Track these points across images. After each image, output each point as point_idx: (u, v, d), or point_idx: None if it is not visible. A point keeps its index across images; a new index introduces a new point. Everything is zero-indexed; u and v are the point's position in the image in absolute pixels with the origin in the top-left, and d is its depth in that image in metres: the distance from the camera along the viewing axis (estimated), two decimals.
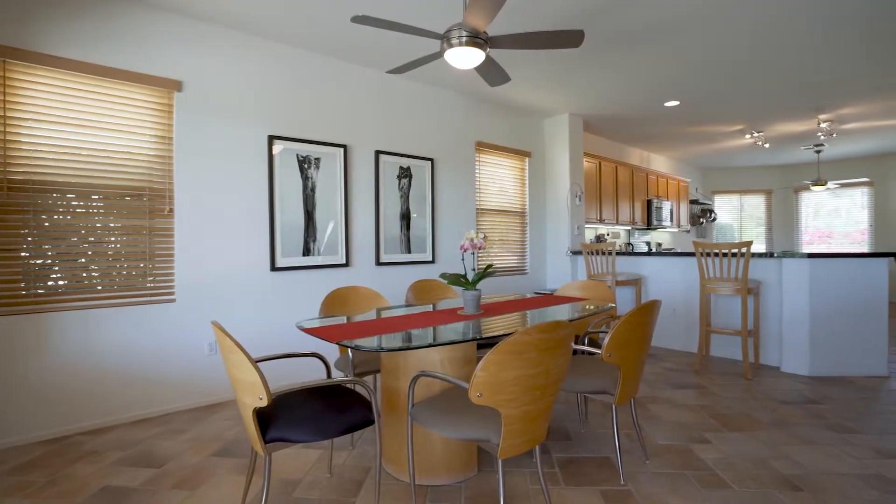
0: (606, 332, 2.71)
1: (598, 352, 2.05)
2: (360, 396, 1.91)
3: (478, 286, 3.69)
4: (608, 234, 7.12)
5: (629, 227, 7.38)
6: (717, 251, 3.97)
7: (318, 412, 1.75)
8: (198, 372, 3.26)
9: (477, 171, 5.22)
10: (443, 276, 2.42)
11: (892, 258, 3.73)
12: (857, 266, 3.85)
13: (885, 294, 3.87)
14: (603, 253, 4.92)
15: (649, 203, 7.33)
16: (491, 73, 2.99)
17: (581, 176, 5.90)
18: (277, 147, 3.64)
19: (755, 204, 9.98)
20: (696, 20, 3.36)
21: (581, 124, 5.90)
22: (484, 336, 1.90)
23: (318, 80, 3.89)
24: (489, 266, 2.45)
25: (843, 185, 8.87)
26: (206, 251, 3.30)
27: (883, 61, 4.14)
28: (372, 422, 1.79)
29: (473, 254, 2.36)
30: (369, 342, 1.77)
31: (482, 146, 5.23)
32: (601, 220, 6.39)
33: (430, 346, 1.77)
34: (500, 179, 5.50)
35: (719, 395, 3.37)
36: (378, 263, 4.24)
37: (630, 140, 7.26)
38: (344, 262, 4.01)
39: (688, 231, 9.01)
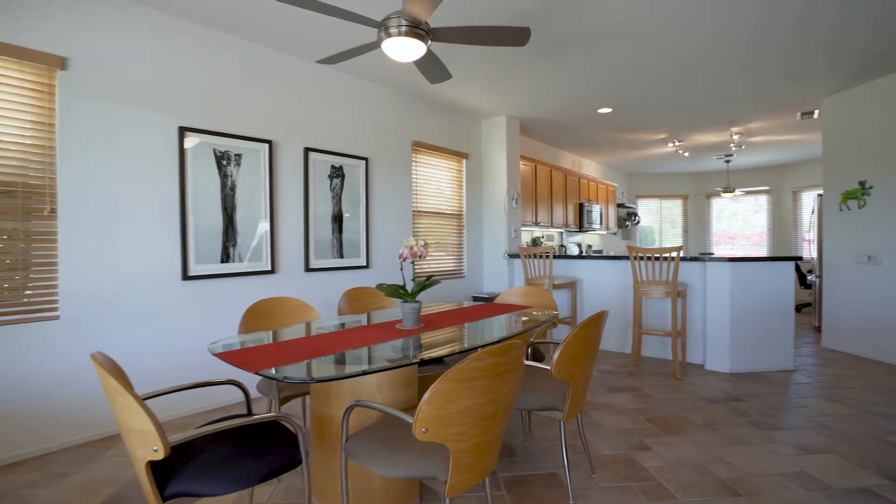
0: (550, 343, 2.64)
1: (548, 368, 1.95)
2: (284, 430, 1.66)
3: (418, 297, 3.49)
4: (543, 237, 7.22)
5: (562, 230, 7.54)
6: (649, 255, 4.08)
7: (233, 457, 1.47)
8: (88, 400, 2.78)
9: (413, 171, 5.03)
10: (380, 287, 2.21)
11: (797, 262, 4.05)
12: (769, 269, 4.13)
13: (792, 294, 4.18)
14: (540, 256, 4.93)
15: (581, 206, 7.54)
16: (431, 68, 2.81)
17: (518, 178, 5.91)
18: (191, 140, 3.22)
19: (673, 208, 10.66)
20: (630, 31, 3.40)
21: (518, 127, 5.91)
22: (427, 357, 1.72)
23: (239, 68, 3.50)
24: (430, 276, 2.28)
25: (747, 192, 9.70)
26: (101, 258, 2.83)
27: (788, 82, 4.48)
28: (299, 462, 1.54)
29: (413, 262, 2.16)
30: (296, 370, 1.53)
31: (419, 146, 5.05)
32: (537, 223, 6.45)
33: (366, 373, 1.55)
34: (437, 181, 5.35)
35: (654, 396, 3.44)
36: (308, 269, 3.92)
37: (564, 144, 7.42)
38: (269, 268, 3.65)
39: (615, 233, 9.41)
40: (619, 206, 9.40)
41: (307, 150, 3.93)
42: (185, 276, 3.18)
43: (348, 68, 4.16)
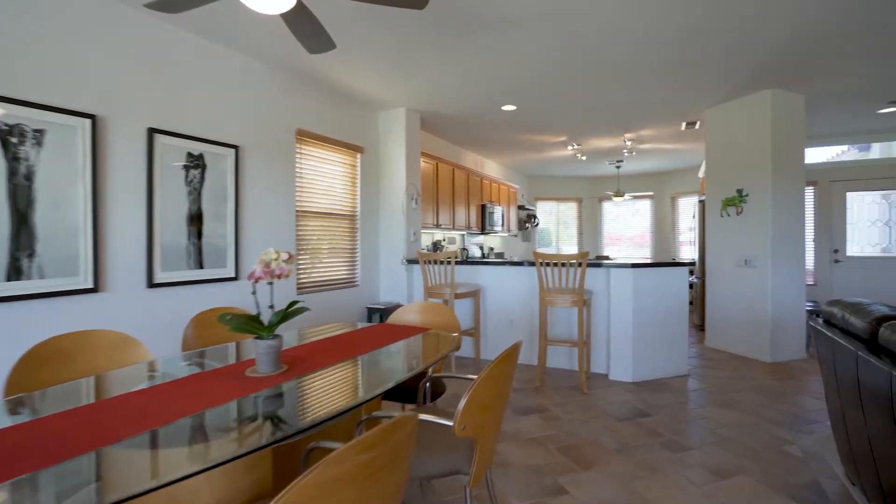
0: (453, 378, 2.19)
1: (450, 424, 1.48)
2: None
3: (278, 330, 2.63)
4: (445, 240, 6.86)
5: (465, 232, 7.25)
6: (555, 262, 3.85)
7: None
8: None
9: (298, 165, 4.32)
10: (223, 318, 1.57)
11: (690, 266, 4.08)
12: (666, 274, 4.13)
13: (686, 298, 4.23)
14: (441, 262, 4.51)
15: (483, 208, 7.32)
16: (308, 32, 2.21)
17: (418, 177, 5.45)
18: None
19: (568, 210, 11.01)
20: (533, 23, 3.10)
21: (418, 121, 5.45)
22: (276, 438, 1.15)
23: (38, 10, 2.57)
24: (293, 303, 1.69)
25: (635, 197, 10.30)
26: None
27: (677, 91, 4.57)
28: None
29: (271, 283, 1.55)
30: (44, 482, 0.87)
31: (305, 136, 4.35)
32: (438, 225, 6.05)
33: (164, 485, 0.95)
34: (327, 177, 4.69)
35: (562, 418, 3.17)
36: (152, 285, 3.07)
37: (467, 143, 7.13)
38: (91, 285, 2.76)
39: (515, 235, 9.41)
40: (520, 207, 9.42)
41: (152, 131, 3.07)
42: None
43: (210, 33, 3.36)
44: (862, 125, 6.05)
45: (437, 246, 6.27)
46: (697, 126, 5.95)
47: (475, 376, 2.05)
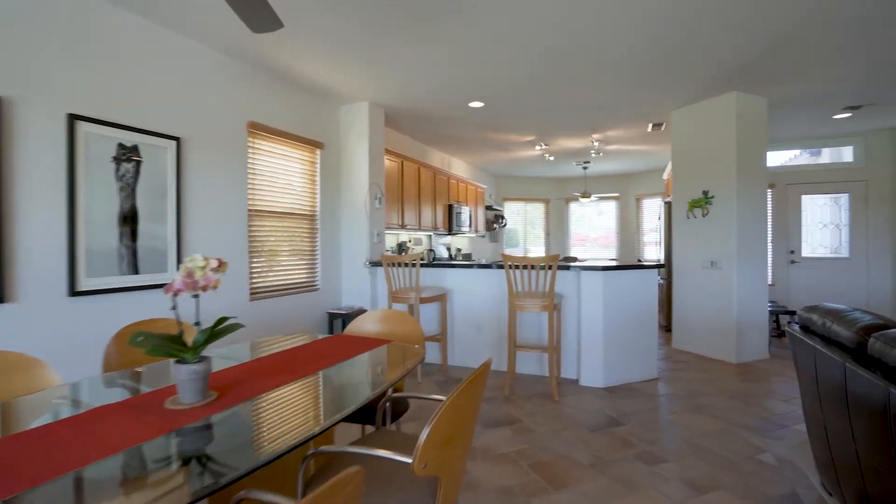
0: (416, 398, 1.97)
1: (407, 461, 1.26)
2: None
3: (206, 351, 2.28)
4: (411, 241, 6.63)
5: (431, 233, 7.04)
6: (525, 265, 3.69)
7: None
8: None
9: (251, 160, 3.99)
10: (134, 339, 1.30)
11: (659, 269, 4.00)
12: (636, 276, 4.05)
13: (655, 300, 4.17)
14: (406, 265, 4.29)
15: (450, 208, 7.13)
16: (249, 5, 1.94)
17: (382, 175, 5.19)
18: None
19: (533, 211, 10.97)
20: (500, 12, 2.92)
21: (382, 116, 5.19)
22: (190, 495, 0.90)
23: None
24: (223, 320, 1.43)
25: (601, 198, 10.36)
26: None
27: (645, 92, 4.52)
28: None
29: (197, 296, 1.28)
30: None
31: (259, 129, 4.03)
32: (403, 226, 5.81)
33: None
34: (283, 174, 4.37)
35: (534, 430, 3.01)
36: (75, 293, 2.70)
37: (433, 141, 6.91)
38: None
39: (483, 236, 9.27)
40: (488, 208, 9.29)
41: (73, 117, 2.70)
42: None
43: (148, 11, 3.00)
44: (817, 130, 6.21)
45: (402, 247, 6.02)
46: (663, 128, 5.95)
47: (440, 397, 1.84)
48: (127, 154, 2.95)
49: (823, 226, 6.70)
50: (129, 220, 2.96)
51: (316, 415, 1.32)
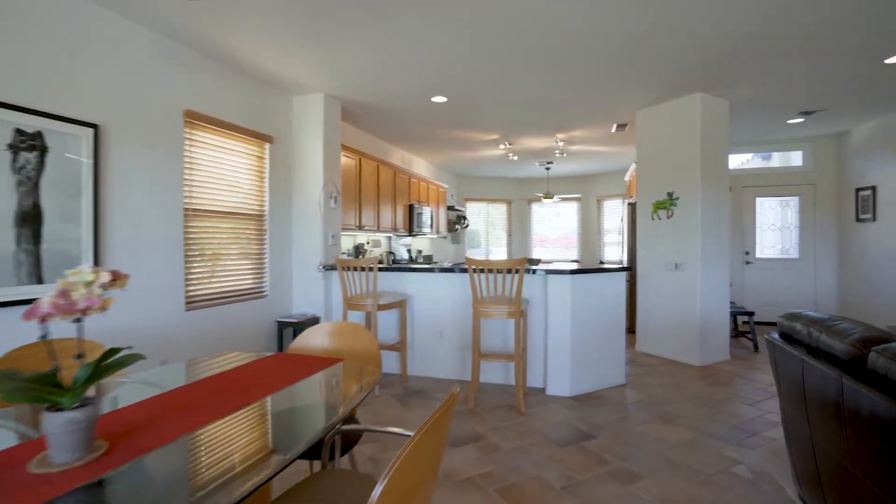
0: (369, 431, 1.70)
1: None
2: None
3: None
4: (369, 243, 6.30)
5: (391, 234, 6.74)
6: (490, 269, 3.48)
7: None
8: None
9: (187, 154, 3.58)
10: None
11: (626, 271, 3.88)
12: (604, 280, 3.92)
13: (623, 305, 4.06)
14: (363, 269, 3.99)
15: (411, 208, 6.85)
16: None
17: (338, 173, 4.86)
18: None
19: (494, 212, 10.85)
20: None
21: (339, 109, 4.85)
22: None
23: None
24: (113, 351, 1.11)
25: (563, 199, 10.36)
26: None
27: (610, 90, 4.42)
28: None
29: (80, 320, 0.95)
30: None
31: (197, 119, 3.62)
32: (361, 227, 5.49)
33: None
34: (227, 170, 3.97)
35: (501, 448, 2.79)
36: None
37: (393, 138, 6.61)
38: None
39: (445, 237, 9.04)
40: (450, 208, 9.07)
41: None
42: None
43: None
44: (770, 135, 6.36)
45: (359, 250, 5.69)
46: (628, 129, 5.91)
47: (398, 431, 1.57)
48: (27, 142, 2.51)
49: (777, 228, 6.89)
50: (30, 219, 2.52)
51: (245, 468, 1.03)
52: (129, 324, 3.07)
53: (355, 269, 3.97)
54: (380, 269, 4.26)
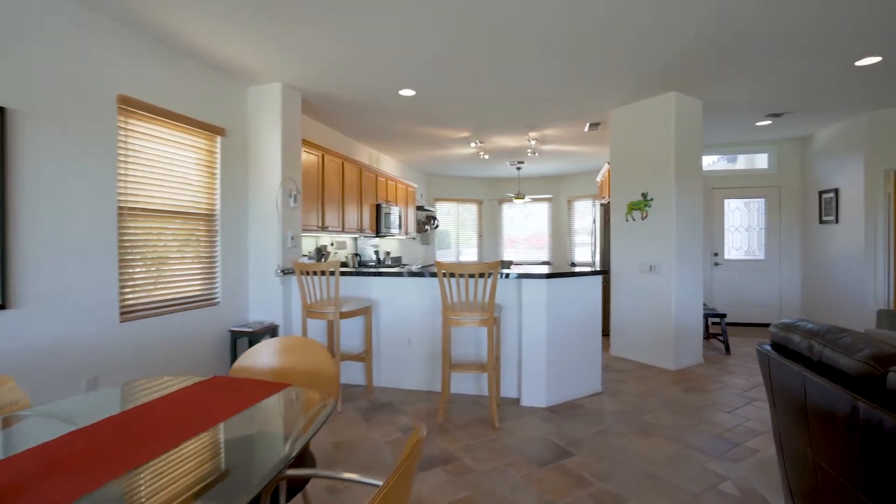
0: (320, 477, 1.43)
1: None
2: None
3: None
4: (333, 245, 5.97)
5: (357, 235, 6.42)
6: (462, 273, 3.24)
7: None
8: None
9: (123, 146, 3.19)
10: None
11: (602, 274, 3.72)
12: (580, 284, 3.75)
13: (599, 310, 3.90)
14: (323, 273, 3.68)
15: (378, 208, 6.55)
16: None
17: (298, 169, 4.52)
18: None
19: (465, 212, 10.65)
20: None
21: (299, 101, 4.52)
22: None
23: None
24: None
25: (535, 200, 10.25)
26: None
27: (584, 88, 4.27)
28: None
29: None
30: None
31: (134, 107, 3.23)
32: (324, 228, 5.16)
33: None
34: (170, 164, 3.58)
35: (474, 469, 2.55)
36: None
37: (360, 134, 6.30)
38: None
39: (414, 238, 8.77)
40: (419, 208, 8.80)
41: None
42: None
43: None
44: (738, 137, 6.40)
45: (321, 252, 5.36)
46: (600, 128, 5.80)
47: (355, 477, 1.31)
48: None
49: (743, 229, 6.95)
50: None
51: None
52: (47, 340, 2.67)
53: (315, 273, 3.66)
54: (343, 274, 3.96)
